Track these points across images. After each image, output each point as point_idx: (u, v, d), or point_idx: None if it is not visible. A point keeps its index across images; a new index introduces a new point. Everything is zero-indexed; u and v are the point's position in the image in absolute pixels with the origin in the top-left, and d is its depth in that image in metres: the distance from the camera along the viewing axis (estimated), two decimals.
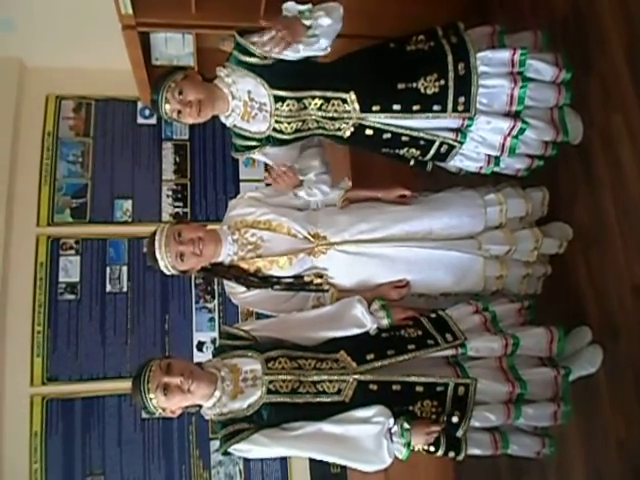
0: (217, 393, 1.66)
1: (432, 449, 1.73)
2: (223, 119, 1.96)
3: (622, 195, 1.91)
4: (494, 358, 1.87)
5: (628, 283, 1.87)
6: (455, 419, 1.74)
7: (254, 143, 2.00)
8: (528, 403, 1.86)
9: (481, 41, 2.01)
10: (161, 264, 1.81)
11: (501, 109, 1.96)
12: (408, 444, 1.66)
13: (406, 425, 1.65)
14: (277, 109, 1.89)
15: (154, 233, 1.83)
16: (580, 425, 2.02)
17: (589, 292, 2.03)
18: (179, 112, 1.84)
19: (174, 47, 3.04)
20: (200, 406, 1.70)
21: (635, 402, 1.82)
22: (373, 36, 2.30)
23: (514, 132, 1.96)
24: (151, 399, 1.61)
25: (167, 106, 1.83)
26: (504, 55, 1.92)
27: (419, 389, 1.74)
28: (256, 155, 2.06)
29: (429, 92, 1.90)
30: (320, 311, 1.89)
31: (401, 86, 1.90)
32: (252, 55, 1.84)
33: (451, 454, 1.77)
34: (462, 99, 1.91)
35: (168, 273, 1.85)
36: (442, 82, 1.89)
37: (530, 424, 1.93)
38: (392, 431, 1.67)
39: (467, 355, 1.84)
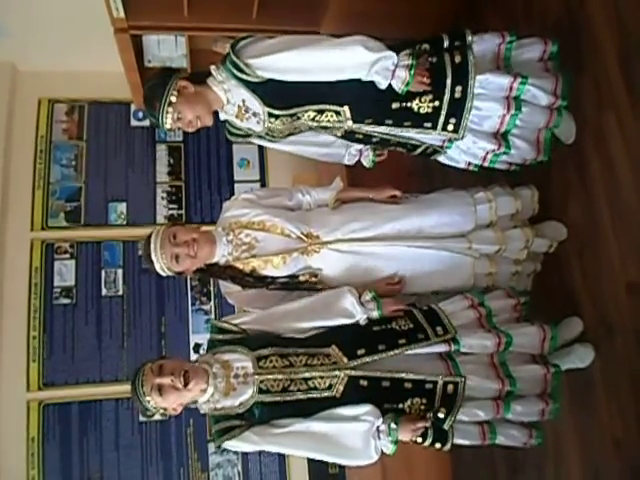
0: (210, 390, 1.69)
1: (419, 440, 1.77)
2: (218, 110, 1.98)
3: (615, 194, 1.91)
4: (486, 354, 1.89)
5: (622, 282, 1.88)
6: (441, 415, 1.77)
7: (246, 134, 2.04)
8: (517, 399, 1.89)
9: (486, 54, 1.99)
10: (157, 266, 1.84)
11: (490, 129, 1.99)
12: (395, 441, 1.70)
13: (393, 425, 1.69)
14: (271, 123, 1.92)
15: (149, 236, 1.85)
16: (577, 424, 2.04)
17: (583, 291, 2.04)
18: (179, 127, 1.90)
19: (167, 49, 3.03)
20: (196, 401, 1.73)
21: (632, 401, 1.83)
22: None
23: (497, 152, 2.01)
24: (148, 401, 1.65)
25: (168, 126, 1.87)
26: (503, 82, 1.92)
27: (408, 385, 1.77)
28: (250, 139, 2.09)
29: (422, 112, 1.91)
30: (309, 300, 1.90)
31: (396, 105, 1.90)
32: (245, 73, 1.83)
33: (437, 445, 1.80)
34: (453, 120, 1.92)
35: (164, 274, 1.88)
36: (436, 103, 1.90)
37: (518, 419, 1.96)
38: (380, 429, 1.70)
39: (460, 351, 1.86)
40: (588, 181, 2.02)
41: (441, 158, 2.13)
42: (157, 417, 1.76)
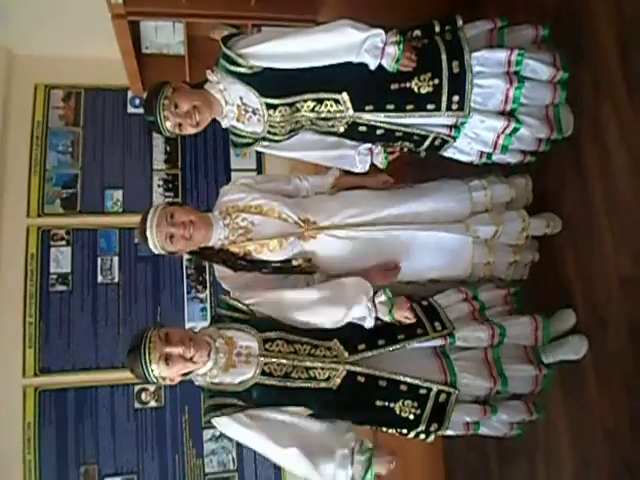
0: (209, 364, 1.68)
1: (404, 431, 1.84)
2: (219, 119, 1.97)
3: (611, 186, 1.91)
4: (481, 349, 1.93)
5: (616, 274, 1.89)
6: (432, 429, 1.85)
7: (251, 141, 2.02)
8: (504, 406, 1.98)
9: (479, 38, 1.99)
10: (150, 243, 1.82)
11: (495, 108, 1.96)
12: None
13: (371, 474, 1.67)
14: (270, 116, 1.89)
15: (147, 211, 1.84)
16: (568, 414, 2.05)
17: (577, 283, 2.05)
18: (180, 125, 1.84)
19: (164, 36, 3.03)
20: (191, 372, 1.70)
21: (623, 392, 1.84)
22: None
23: (507, 131, 1.97)
24: (152, 370, 1.62)
25: (168, 123, 1.83)
26: (500, 55, 1.91)
27: (403, 388, 1.80)
28: (255, 148, 2.08)
29: (423, 91, 1.89)
30: (320, 294, 1.84)
31: (394, 86, 1.89)
32: (239, 65, 1.82)
33: (421, 436, 1.87)
34: (456, 98, 1.91)
35: (156, 252, 1.86)
36: (436, 81, 1.89)
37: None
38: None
39: (455, 345, 1.89)
40: (584, 173, 2.02)
41: (450, 152, 2.10)
42: (152, 404, 1.74)
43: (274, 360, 1.70)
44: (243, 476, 3.34)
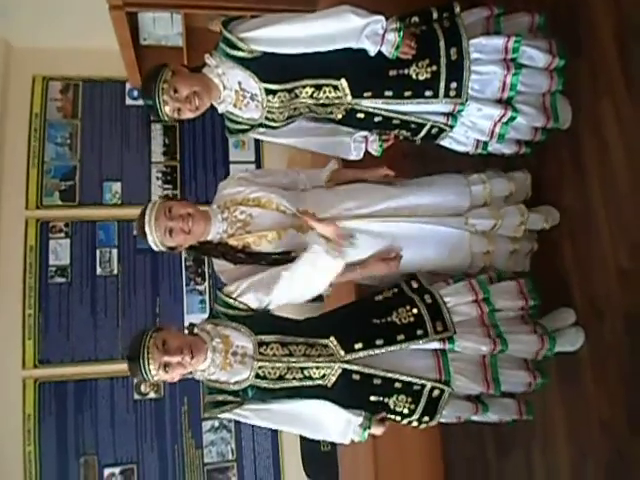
0: (207, 362, 1.71)
1: (397, 419, 1.89)
2: (215, 105, 1.96)
3: (609, 179, 1.92)
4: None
5: (613, 267, 1.90)
6: (424, 420, 1.89)
7: (246, 127, 2.02)
8: (496, 404, 2.02)
9: (476, 25, 2.00)
10: (149, 239, 1.82)
11: (493, 95, 1.97)
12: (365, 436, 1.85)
13: (366, 432, 1.84)
14: (269, 101, 1.89)
15: (145, 207, 1.84)
16: (565, 405, 2.07)
17: (575, 275, 2.06)
18: (179, 110, 1.84)
19: (162, 27, 3.01)
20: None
21: (619, 384, 1.85)
22: None
23: (504, 119, 1.99)
24: (153, 377, 1.65)
25: (167, 108, 1.82)
26: (498, 42, 1.92)
27: (397, 385, 1.82)
28: (251, 134, 2.08)
29: (421, 78, 1.90)
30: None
31: (392, 73, 1.90)
32: (239, 49, 1.82)
33: (414, 424, 1.91)
34: (454, 84, 1.91)
35: (156, 249, 1.86)
36: (434, 68, 1.89)
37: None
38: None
39: (453, 350, 1.88)
40: (582, 166, 2.02)
41: (447, 142, 2.11)
42: (152, 395, 1.77)
43: (268, 364, 1.72)
44: (242, 466, 3.36)
